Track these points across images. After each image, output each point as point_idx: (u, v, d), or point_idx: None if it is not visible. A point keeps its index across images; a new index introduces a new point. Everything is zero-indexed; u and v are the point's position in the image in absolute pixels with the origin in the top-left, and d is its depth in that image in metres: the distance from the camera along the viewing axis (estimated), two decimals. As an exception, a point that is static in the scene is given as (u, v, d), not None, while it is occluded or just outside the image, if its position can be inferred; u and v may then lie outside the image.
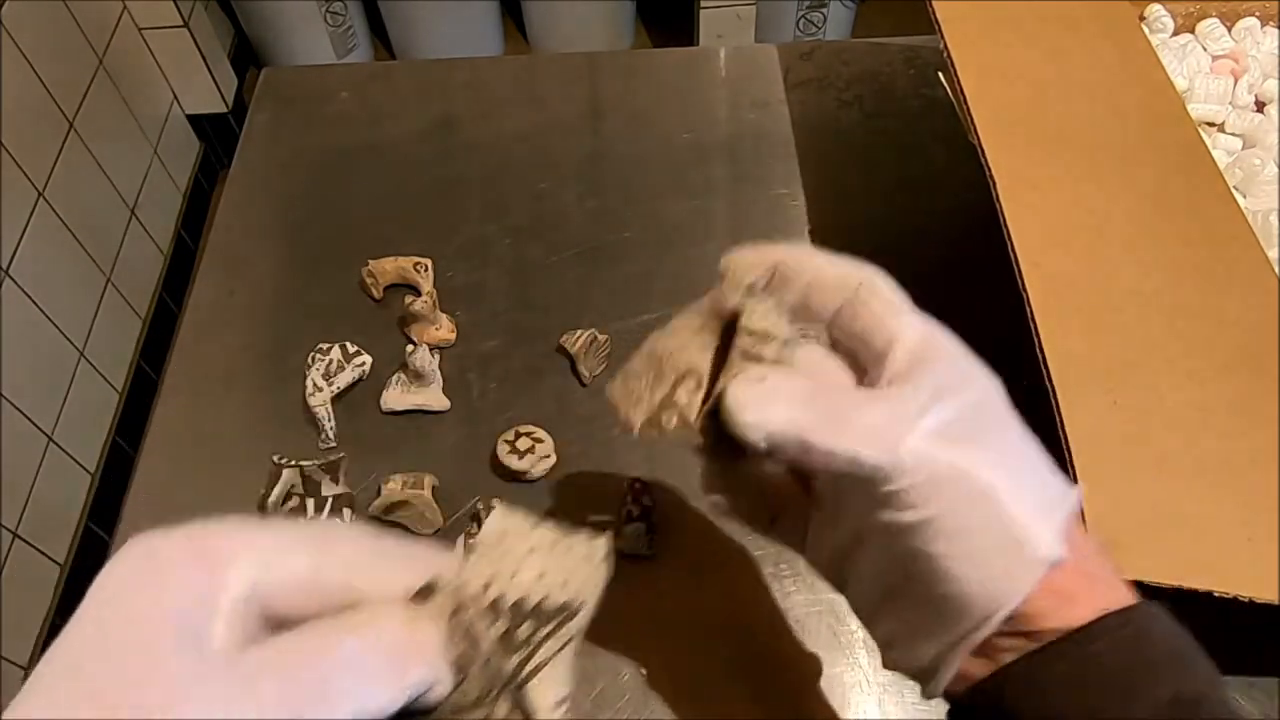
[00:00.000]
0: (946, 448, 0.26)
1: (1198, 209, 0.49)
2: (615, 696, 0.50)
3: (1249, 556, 0.37)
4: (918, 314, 0.31)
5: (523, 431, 0.57)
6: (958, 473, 0.26)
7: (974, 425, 0.27)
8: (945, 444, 0.26)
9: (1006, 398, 0.29)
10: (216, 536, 0.24)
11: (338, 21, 1.85)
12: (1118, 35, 0.58)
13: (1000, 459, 0.27)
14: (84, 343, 1.31)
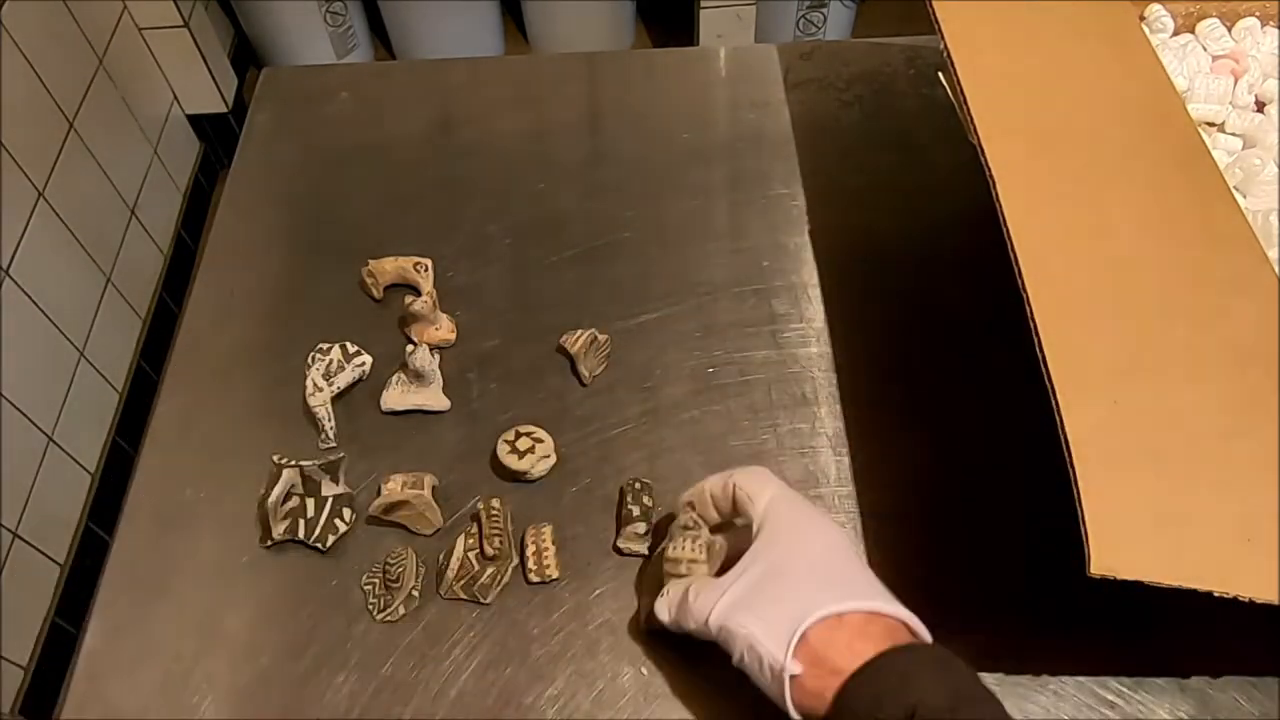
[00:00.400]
0: (731, 615, 0.43)
1: (1198, 209, 0.49)
2: (615, 696, 0.50)
3: (1249, 556, 0.37)
4: (767, 489, 0.47)
5: (523, 431, 0.57)
6: (733, 631, 0.43)
7: (752, 594, 0.43)
8: (731, 613, 0.43)
9: (794, 556, 0.44)
10: None
11: (338, 21, 1.84)
12: (1118, 35, 0.58)
13: (760, 613, 0.42)
14: (84, 343, 1.31)
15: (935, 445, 0.59)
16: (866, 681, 0.38)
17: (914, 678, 0.38)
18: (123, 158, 1.48)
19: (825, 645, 0.40)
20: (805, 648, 0.40)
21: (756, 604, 0.42)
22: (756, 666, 0.42)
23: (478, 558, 0.53)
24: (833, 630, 0.40)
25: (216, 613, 0.53)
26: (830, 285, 0.67)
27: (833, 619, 0.41)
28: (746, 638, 0.42)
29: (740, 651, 0.42)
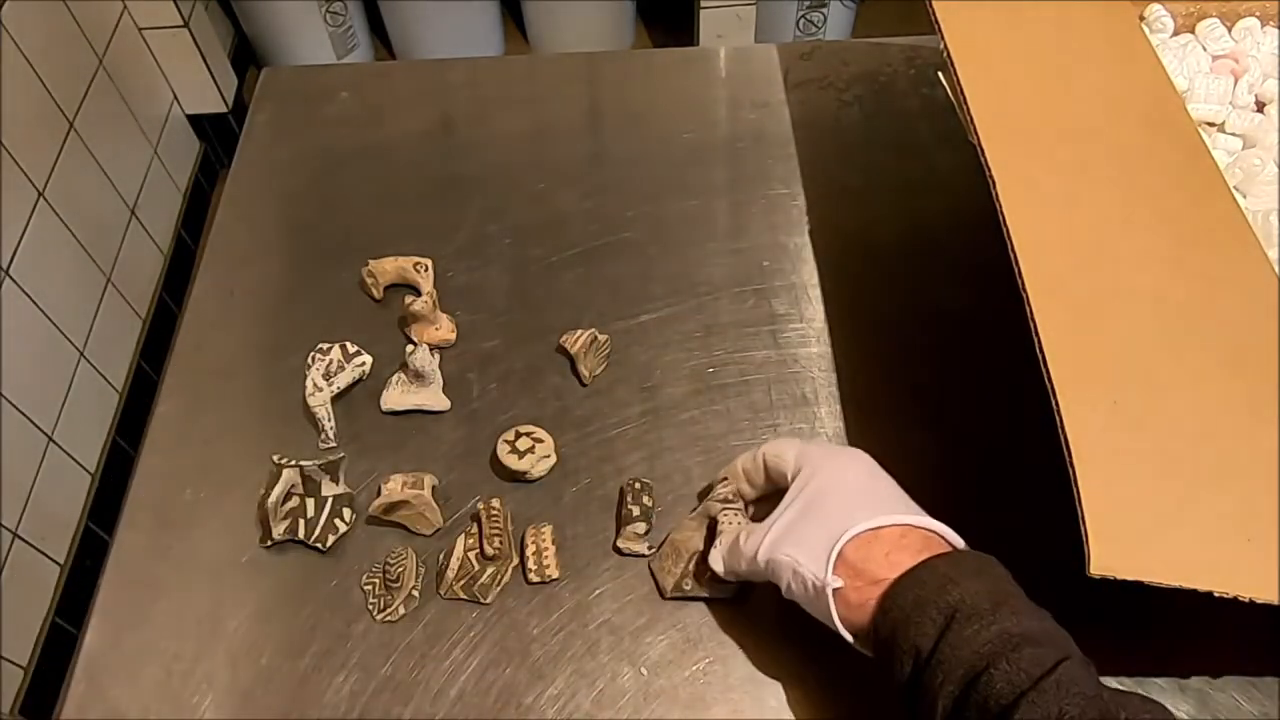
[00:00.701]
0: (777, 549, 0.45)
1: (1198, 209, 0.49)
2: (615, 696, 0.50)
3: (1249, 556, 0.37)
4: (793, 445, 0.49)
5: (523, 431, 0.57)
6: (779, 561, 0.45)
7: (793, 525, 0.45)
8: (776, 547, 0.45)
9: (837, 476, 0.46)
10: None
11: (338, 21, 1.84)
12: (1118, 35, 0.58)
13: (801, 539, 0.44)
14: (84, 343, 1.31)
15: (935, 445, 0.59)
16: (907, 587, 0.40)
17: (954, 580, 0.39)
18: (123, 158, 1.48)
19: (863, 559, 0.42)
20: (844, 564, 0.42)
21: (798, 533, 0.44)
22: (802, 590, 0.43)
23: (478, 558, 0.53)
24: (869, 544, 0.42)
25: (216, 613, 0.53)
26: (830, 285, 0.67)
27: (868, 534, 0.42)
28: (790, 564, 0.44)
29: (786, 580, 0.44)
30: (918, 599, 0.39)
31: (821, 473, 0.46)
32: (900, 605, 0.39)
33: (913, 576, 0.40)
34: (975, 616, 0.37)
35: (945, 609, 0.38)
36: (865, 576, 0.41)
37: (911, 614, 0.39)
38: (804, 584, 0.43)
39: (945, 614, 0.38)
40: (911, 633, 0.39)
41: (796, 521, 0.45)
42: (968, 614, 0.38)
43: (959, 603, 0.38)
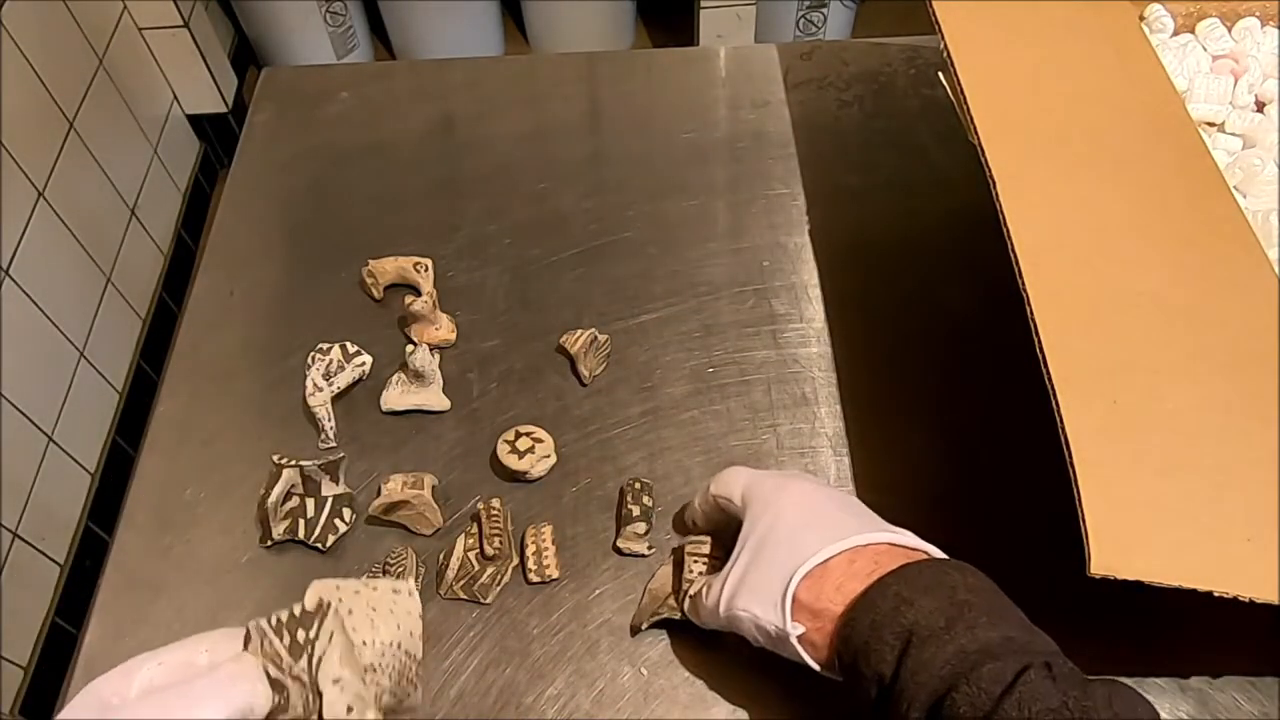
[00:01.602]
0: (733, 604, 0.44)
1: (1198, 209, 0.49)
2: (615, 696, 0.50)
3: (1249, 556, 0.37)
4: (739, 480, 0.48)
5: (523, 431, 0.57)
6: (739, 617, 0.44)
7: (745, 576, 0.44)
8: (733, 598, 0.44)
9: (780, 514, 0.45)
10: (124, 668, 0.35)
11: (338, 21, 1.84)
12: (1118, 35, 0.58)
13: (755, 589, 0.43)
14: (84, 343, 1.31)
15: (935, 445, 0.59)
16: (862, 612, 0.39)
17: (906, 600, 0.38)
18: (123, 158, 1.48)
19: (815, 598, 0.41)
20: (800, 607, 0.41)
21: (750, 583, 0.44)
22: (768, 639, 0.43)
23: (478, 558, 0.53)
24: (819, 581, 0.41)
25: (216, 613, 0.53)
26: (830, 285, 0.67)
27: (817, 570, 0.42)
28: (750, 619, 0.43)
29: (750, 632, 0.44)
30: (873, 623, 0.38)
31: (766, 512, 0.45)
32: (858, 632, 0.39)
33: (866, 601, 0.39)
34: (931, 638, 0.37)
35: (900, 632, 0.37)
36: (823, 615, 0.41)
37: (870, 640, 0.38)
38: (767, 635, 0.43)
39: (901, 637, 0.37)
40: (872, 660, 0.38)
41: (748, 571, 0.44)
42: (924, 635, 0.37)
43: (914, 624, 0.37)
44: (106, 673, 0.34)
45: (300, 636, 0.35)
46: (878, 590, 0.39)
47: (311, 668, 0.34)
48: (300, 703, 0.34)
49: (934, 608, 0.38)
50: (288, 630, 0.35)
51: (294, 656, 0.34)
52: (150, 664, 0.34)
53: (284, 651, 0.34)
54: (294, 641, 0.35)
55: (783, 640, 0.42)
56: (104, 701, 0.33)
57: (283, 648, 0.34)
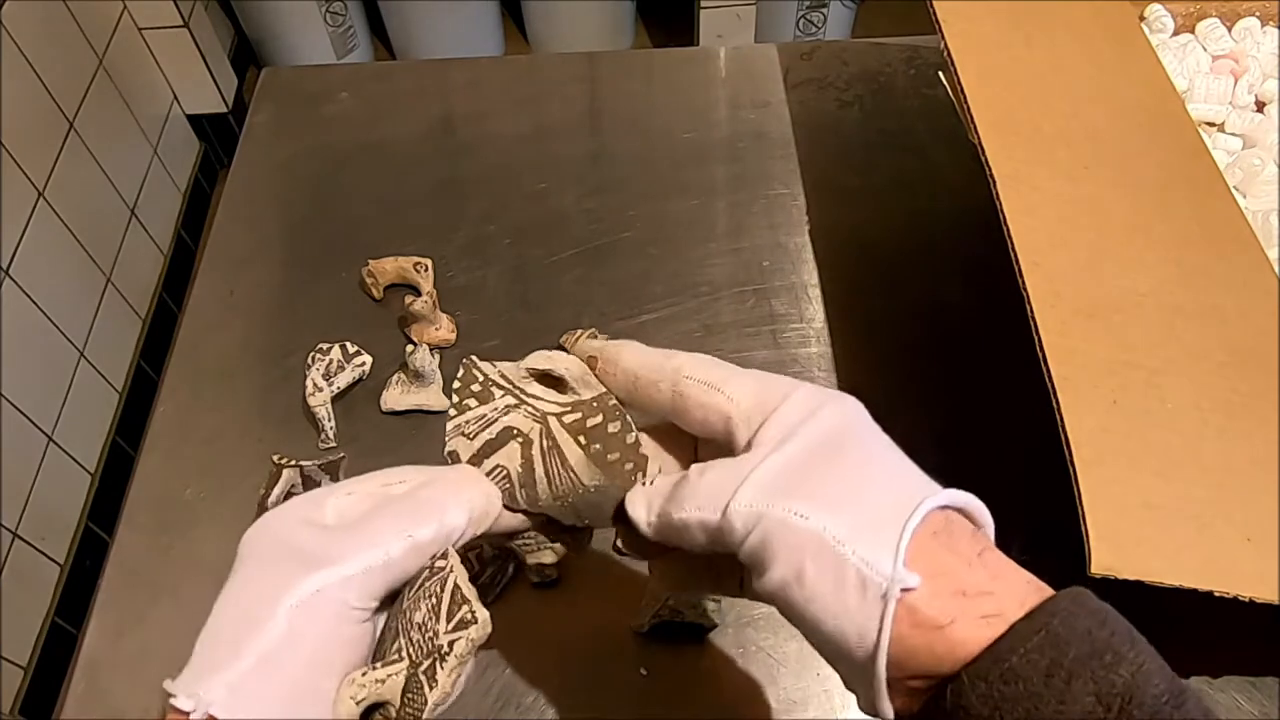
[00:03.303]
0: (778, 501, 0.27)
1: (1198, 209, 0.49)
2: (615, 696, 0.50)
3: (1249, 556, 0.37)
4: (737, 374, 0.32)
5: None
6: (788, 525, 0.27)
7: (807, 469, 0.28)
8: (776, 497, 0.27)
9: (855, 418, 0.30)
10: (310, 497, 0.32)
11: (338, 21, 1.84)
12: (1118, 35, 0.58)
13: (832, 496, 0.27)
14: (84, 343, 1.31)
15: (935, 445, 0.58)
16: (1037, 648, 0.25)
17: (1113, 650, 0.24)
18: (123, 158, 1.48)
19: (947, 549, 0.26)
20: (915, 554, 0.26)
21: (819, 486, 0.27)
22: (828, 584, 0.26)
23: (477, 558, 0.53)
24: (948, 530, 0.27)
25: (216, 613, 0.53)
26: (830, 285, 0.67)
27: (939, 516, 0.27)
28: (814, 534, 0.26)
29: (798, 560, 0.26)
30: (1058, 667, 0.24)
31: (829, 405, 0.30)
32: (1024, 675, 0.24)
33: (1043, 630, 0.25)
34: (1159, 717, 0.24)
35: (1109, 698, 0.24)
36: (954, 582, 0.26)
37: (1046, 694, 0.24)
38: (836, 576, 0.26)
39: (1109, 705, 0.24)
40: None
41: (810, 464, 0.28)
42: (1148, 710, 0.24)
43: (1133, 690, 0.24)
44: (279, 507, 0.32)
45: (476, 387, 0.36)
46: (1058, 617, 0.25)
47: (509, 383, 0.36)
48: (530, 420, 0.34)
49: (1155, 671, 0.24)
50: (468, 397, 0.35)
51: (488, 400, 0.35)
52: (339, 494, 0.32)
53: (483, 408, 0.35)
54: (477, 394, 0.35)
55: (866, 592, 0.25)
56: (306, 520, 0.31)
57: (480, 407, 0.35)
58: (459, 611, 0.30)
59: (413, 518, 0.30)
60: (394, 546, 0.29)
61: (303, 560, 0.29)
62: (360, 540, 0.29)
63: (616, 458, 0.32)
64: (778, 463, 0.28)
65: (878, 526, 0.26)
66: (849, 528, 0.26)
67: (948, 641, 0.25)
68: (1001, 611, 0.25)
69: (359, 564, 0.29)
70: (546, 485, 0.33)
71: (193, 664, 0.28)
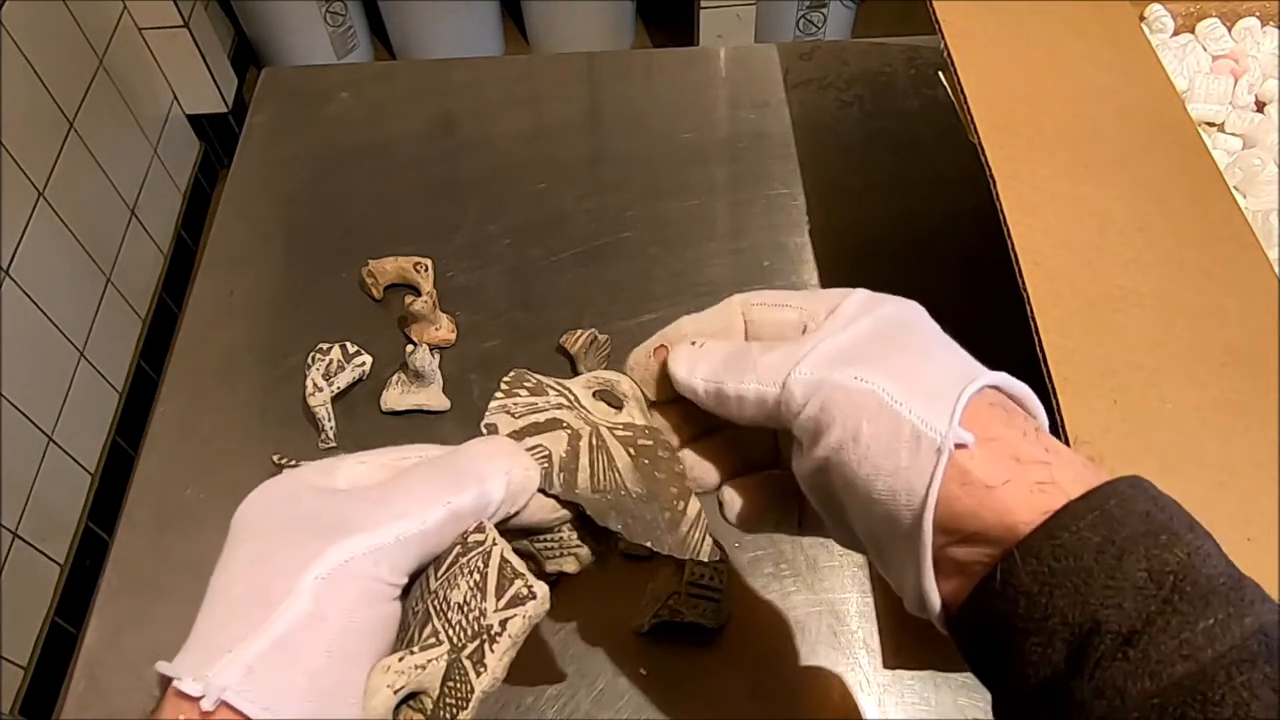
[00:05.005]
0: (839, 369, 0.28)
1: (1198, 209, 0.49)
2: (615, 697, 0.50)
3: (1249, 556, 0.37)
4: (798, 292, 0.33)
5: (523, 431, 0.57)
6: (848, 388, 0.27)
7: (869, 345, 0.29)
8: (837, 366, 0.28)
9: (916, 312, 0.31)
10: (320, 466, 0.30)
11: (338, 21, 1.84)
12: (1118, 35, 0.58)
13: (892, 367, 0.28)
14: (84, 343, 1.31)
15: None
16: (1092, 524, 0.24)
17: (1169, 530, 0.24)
18: (123, 158, 1.48)
19: (1004, 421, 0.26)
20: (972, 421, 0.26)
21: (881, 358, 0.28)
22: (883, 442, 0.26)
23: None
24: (1006, 408, 0.27)
25: (216, 613, 0.53)
26: (830, 285, 0.67)
27: (994, 394, 0.27)
28: (872, 395, 0.27)
29: (856, 421, 0.27)
30: (1111, 544, 0.24)
31: (886, 311, 0.31)
32: (1076, 550, 0.24)
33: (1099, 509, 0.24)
34: (1215, 597, 0.23)
35: (1162, 576, 0.23)
36: (1007, 447, 0.26)
37: (1097, 570, 0.23)
38: (892, 433, 0.26)
39: (1161, 583, 0.23)
40: (1093, 600, 0.23)
41: (873, 340, 0.29)
42: (1202, 590, 0.23)
43: (1186, 569, 0.23)
44: (287, 472, 0.28)
45: (529, 384, 0.33)
46: (1115, 496, 0.25)
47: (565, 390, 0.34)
48: (583, 421, 0.32)
49: (1212, 553, 0.24)
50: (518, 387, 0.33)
51: (540, 395, 0.33)
52: (350, 463, 0.29)
53: (533, 398, 0.33)
54: (529, 388, 0.33)
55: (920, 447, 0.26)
56: (319, 486, 0.27)
57: (530, 397, 0.32)
58: (511, 587, 0.26)
59: (451, 484, 0.27)
60: (430, 514, 0.26)
61: (324, 528, 0.26)
62: (392, 507, 0.26)
63: (664, 478, 0.32)
64: (840, 340, 0.29)
65: (935, 392, 0.27)
66: (907, 391, 0.27)
67: (999, 505, 0.25)
68: (1056, 481, 0.25)
69: (392, 533, 0.26)
70: (589, 476, 0.31)
71: (192, 645, 0.25)
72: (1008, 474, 0.25)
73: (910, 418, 0.26)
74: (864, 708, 0.49)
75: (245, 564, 0.26)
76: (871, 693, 0.49)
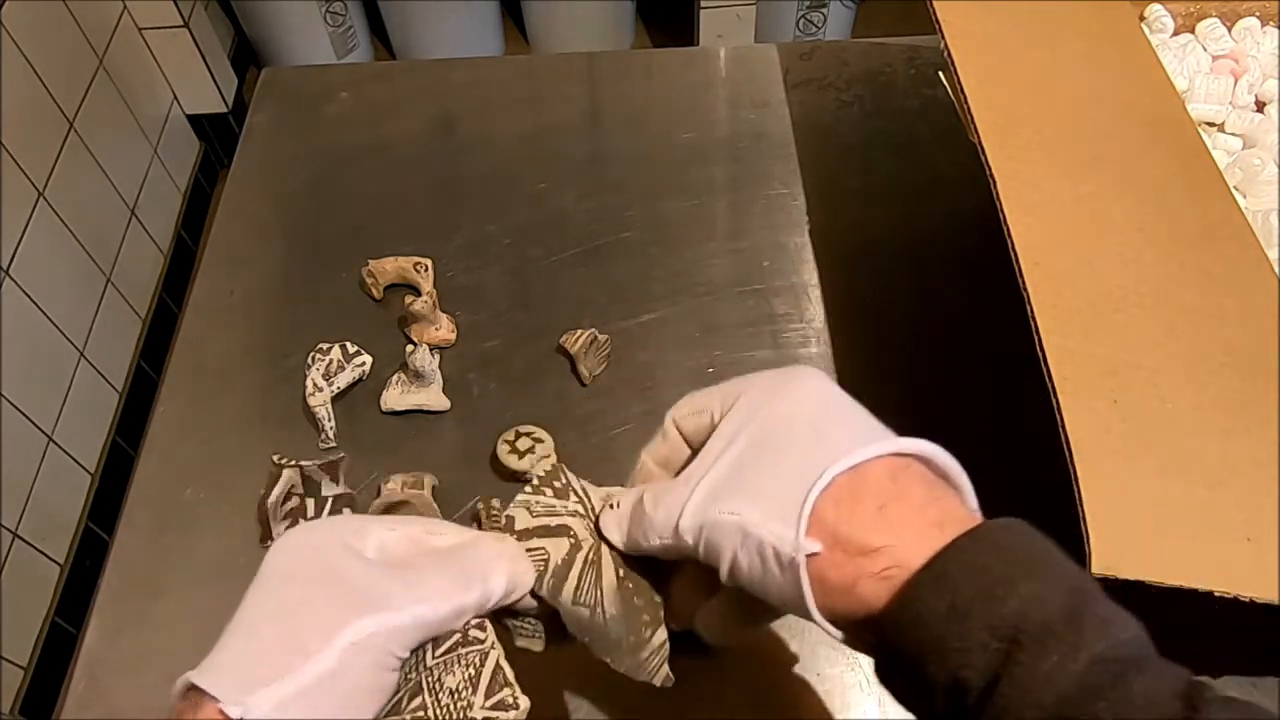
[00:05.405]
0: (712, 507, 0.32)
1: (1198, 209, 0.49)
2: (615, 697, 0.50)
3: (1249, 556, 0.37)
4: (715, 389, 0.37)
5: (523, 431, 0.57)
6: (719, 524, 0.32)
7: (736, 474, 0.33)
8: (710, 505, 0.32)
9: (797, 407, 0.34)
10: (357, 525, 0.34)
11: (338, 21, 1.84)
12: (1118, 35, 0.58)
13: (755, 489, 0.32)
14: (84, 343, 1.31)
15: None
16: (933, 593, 0.28)
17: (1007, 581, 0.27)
18: (123, 158, 1.48)
19: (845, 518, 0.29)
20: (819, 525, 0.30)
21: (742, 483, 0.32)
22: (757, 564, 0.31)
23: (478, 558, 0.53)
24: (852, 496, 0.30)
25: (216, 613, 0.53)
26: (830, 285, 0.67)
27: (847, 479, 0.30)
28: (737, 526, 0.31)
29: (731, 550, 0.31)
30: (953, 609, 0.27)
31: (764, 404, 0.34)
32: (926, 620, 0.27)
33: (938, 576, 0.28)
34: (1050, 639, 0.26)
35: (1001, 629, 0.26)
36: (850, 546, 0.29)
37: (947, 635, 0.27)
38: (759, 555, 0.30)
39: (1002, 637, 0.26)
40: (950, 662, 0.27)
41: (736, 471, 0.33)
42: (1036, 635, 0.26)
43: (1021, 618, 0.26)
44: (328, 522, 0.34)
45: (558, 484, 0.38)
46: (956, 562, 0.28)
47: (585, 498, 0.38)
48: (588, 534, 0.37)
49: (1048, 595, 0.27)
50: (547, 485, 0.38)
51: (563, 498, 0.38)
52: (382, 529, 0.33)
53: (555, 500, 0.38)
54: (556, 489, 0.38)
55: (782, 569, 0.30)
56: (350, 548, 0.32)
57: (552, 498, 0.38)
58: (499, 692, 0.31)
59: (463, 582, 0.32)
60: (443, 606, 0.31)
61: (356, 599, 0.30)
62: (411, 592, 0.31)
63: (641, 604, 0.37)
64: (715, 475, 0.33)
65: (787, 506, 0.30)
66: (765, 511, 0.31)
67: (858, 600, 0.29)
68: (902, 563, 0.29)
69: (410, 616, 0.31)
70: (574, 588, 0.36)
71: (229, 667, 0.30)
72: (855, 572, 0.29)
73: (770, 539, 0.30)
74: (864, 708, 0.49)
75: (287, 609, 0.30)
76: (871, 693, 0.49)
